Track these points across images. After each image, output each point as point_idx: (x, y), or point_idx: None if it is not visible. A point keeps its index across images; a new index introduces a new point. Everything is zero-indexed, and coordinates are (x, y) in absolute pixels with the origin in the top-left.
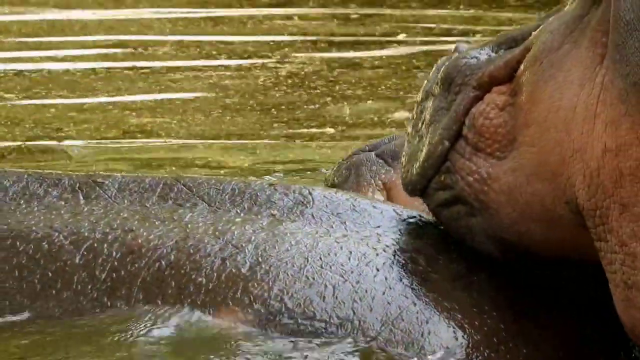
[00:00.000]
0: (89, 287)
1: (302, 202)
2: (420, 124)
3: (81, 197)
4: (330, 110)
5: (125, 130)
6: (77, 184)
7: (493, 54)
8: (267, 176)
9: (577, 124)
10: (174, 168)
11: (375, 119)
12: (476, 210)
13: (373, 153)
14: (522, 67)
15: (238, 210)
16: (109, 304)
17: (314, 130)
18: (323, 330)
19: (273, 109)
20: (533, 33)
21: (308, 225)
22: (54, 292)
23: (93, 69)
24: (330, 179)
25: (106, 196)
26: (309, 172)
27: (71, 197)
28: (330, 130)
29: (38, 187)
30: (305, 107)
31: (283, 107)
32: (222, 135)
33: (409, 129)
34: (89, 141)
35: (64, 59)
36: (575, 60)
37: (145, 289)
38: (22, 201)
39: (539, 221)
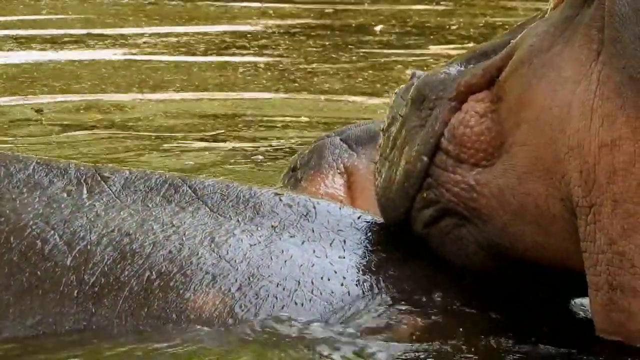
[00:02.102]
0: (76, 291)
1: (305, 216)
2: (388, 150)
3: (85, 191)
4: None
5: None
6: (84, 177)
7: (463, 69)
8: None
9: (572, 121)
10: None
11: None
12: (466, 220)
13: (338, 137)
14: (505, 72)
15: (239, 219)
16: (93, 310)
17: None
18: None
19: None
20: (512, 40)
21: (307, 242)
22: (40, 292)
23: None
24: (293, 162)
25: (110, 192)
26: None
27: (75, 189)
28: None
29: (44, 176)
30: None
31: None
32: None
33: (377, 157)
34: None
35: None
36: (568, 58)
37: (131, 298)
38: (24, 189)
39: (532, 223)
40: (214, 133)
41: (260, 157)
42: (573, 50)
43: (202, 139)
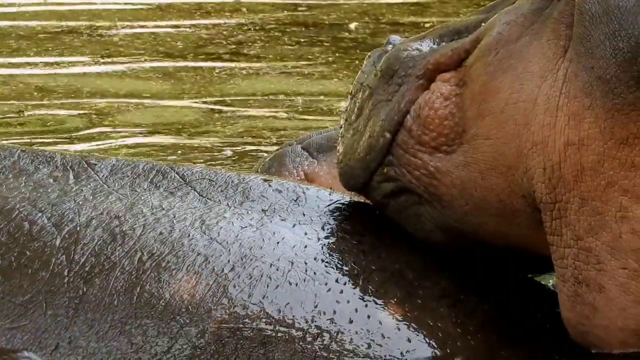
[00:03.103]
0: (66, 270)
1: (295, 200)
2: (354, 117)
3: (71, 177)
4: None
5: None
6: (70, 164)
7: (436, 46)
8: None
9: (537, 116)
10: None
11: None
12: (425, 201)
13: (299, 145)
14: (472, 57)
15: (229, 203)
16: (84, 289)
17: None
18: (300, 340)
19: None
20: (482, 24)
21: (298, 225)
22: (29, 271)
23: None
24: (255, 170)
25: (97, 177)
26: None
27: (61, 175)
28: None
29: (29, 163)
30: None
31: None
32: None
33: (342, 122)
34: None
35: None
36: (536, 52)
37: (123, 278)
38: (10, 175)
39: (494, 215)
40: (191, 130)
41: (230, 152)
42: (541, 44)
43: (175, 142)
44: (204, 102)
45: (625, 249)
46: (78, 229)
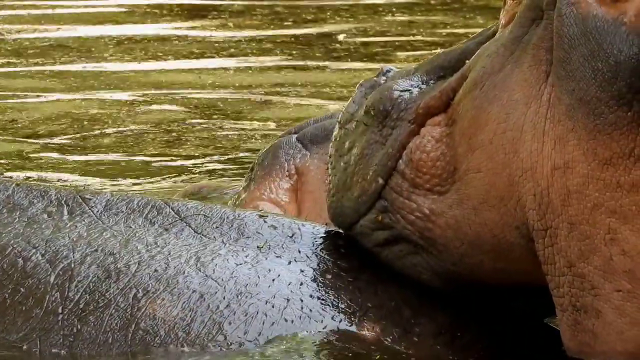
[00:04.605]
0: (60, 307)
1: (290, 237)
2: (345, 149)
3: (65, 212)
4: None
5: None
6: (64, 199)
7: (424, 86)
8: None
9: (525, 143)
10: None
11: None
12: (421, 248)
13: (294, 136)
14: (459, 95)
15: (224, 240)
16: (79, 326)
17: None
18: None
19: (220, 103)
20: (467, 61)
21: (293, 262)
22: (23, 308)
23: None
24: (253, 162)
25: (91, 213)
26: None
27: (55, 210)
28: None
29: (23, 197)
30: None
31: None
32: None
33: (332, 151)
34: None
35: None
36: (519, 80)
37: (118, 316)
38: (4, 210)
39: (489, 252)
40: (180, 137)
41: (217, 155)
42: (522, 71)
43: (170, 156)
44: (198, 108)
45: (617, 271)
46: (72, 265)
